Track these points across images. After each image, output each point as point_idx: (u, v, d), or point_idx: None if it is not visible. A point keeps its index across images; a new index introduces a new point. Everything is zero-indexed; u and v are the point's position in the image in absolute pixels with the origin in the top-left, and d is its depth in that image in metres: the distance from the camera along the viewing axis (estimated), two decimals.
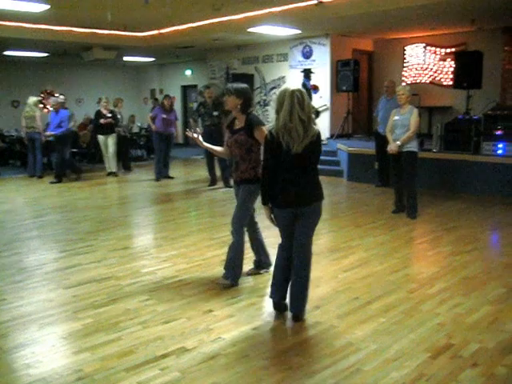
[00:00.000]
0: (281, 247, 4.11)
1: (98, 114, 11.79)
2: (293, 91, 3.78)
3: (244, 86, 4.65)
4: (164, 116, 11.14)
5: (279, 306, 4.11)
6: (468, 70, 10.02)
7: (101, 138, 11.88)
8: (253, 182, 4.59)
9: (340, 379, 3.11)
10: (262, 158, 4.14)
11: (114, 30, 12.84)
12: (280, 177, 3.89)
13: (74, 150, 13.71)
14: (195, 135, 4.81)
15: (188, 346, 3.56)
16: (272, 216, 4.03)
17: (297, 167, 3.86)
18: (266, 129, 4.40)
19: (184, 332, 3.78)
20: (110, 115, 11.79)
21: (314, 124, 3.85)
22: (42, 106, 17.72)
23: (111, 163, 12.04)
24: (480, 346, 3.52)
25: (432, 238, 6.44)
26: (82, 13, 10.58)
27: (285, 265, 4.06)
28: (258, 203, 4.40)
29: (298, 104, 3.75)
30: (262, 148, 4.29)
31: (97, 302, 4.40)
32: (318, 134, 3.86)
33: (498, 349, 3.47)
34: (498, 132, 8.85)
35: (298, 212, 3.92)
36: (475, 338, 3.64)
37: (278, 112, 3.83)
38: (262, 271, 5.06)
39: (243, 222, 4.72)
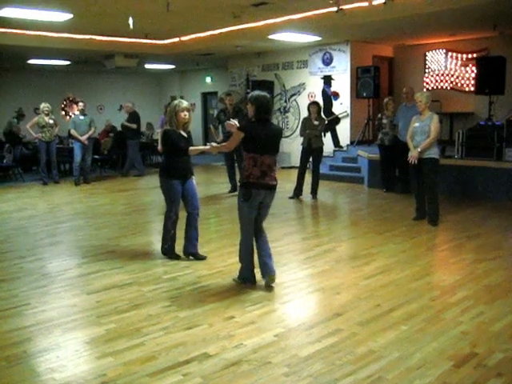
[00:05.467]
0: None
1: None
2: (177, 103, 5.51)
3: (258, 93, 4.77)
4: None
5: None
6: (490, 75, 9.92)
7: None
8: None
9: None
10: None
11: (136, 38, 12.98)
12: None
13: (96, 157, 13.83)
14: None
15: (210, 352, 3.57)
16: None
17: None
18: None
19: (206, 338, 3.80)
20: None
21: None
22: (63, 112, 18.05)
23: None
24: (505, 355, 3.47)
25: (454, 246, 6.38)
26: (103, 21, 10.71)
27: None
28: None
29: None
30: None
31: (119, 308, 4.44)
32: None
33: None
34: None
35: None
36: (500, 347, 3.60)
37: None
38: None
39: None
